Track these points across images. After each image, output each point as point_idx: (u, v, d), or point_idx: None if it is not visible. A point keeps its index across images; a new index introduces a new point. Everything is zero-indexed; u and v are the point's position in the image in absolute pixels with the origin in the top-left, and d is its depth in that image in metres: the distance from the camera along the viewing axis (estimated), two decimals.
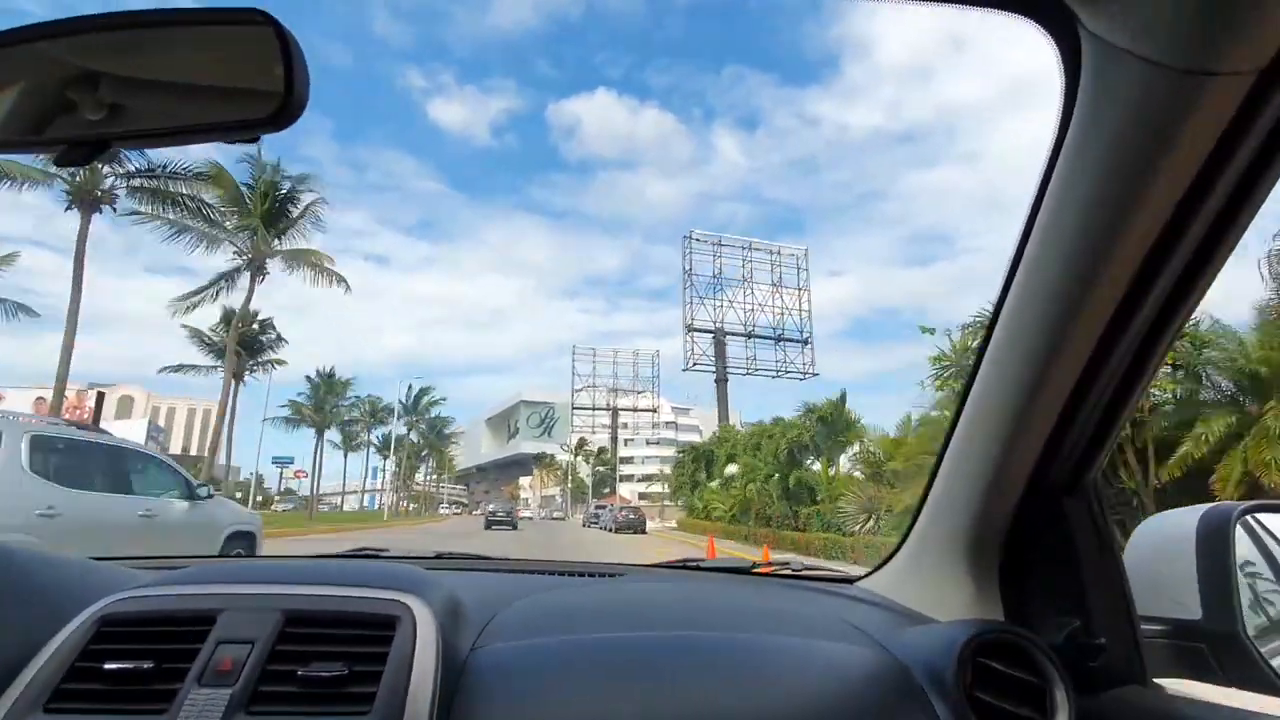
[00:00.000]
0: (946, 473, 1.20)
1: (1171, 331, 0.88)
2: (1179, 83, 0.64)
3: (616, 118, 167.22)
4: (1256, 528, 1.11)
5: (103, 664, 0.81)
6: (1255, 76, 0.63)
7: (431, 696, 0.81)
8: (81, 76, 0.63)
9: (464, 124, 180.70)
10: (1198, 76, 0.63)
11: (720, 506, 35.31)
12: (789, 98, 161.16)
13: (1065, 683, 0.95)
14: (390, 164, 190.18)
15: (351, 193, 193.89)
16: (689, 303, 60.14)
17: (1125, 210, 0.76)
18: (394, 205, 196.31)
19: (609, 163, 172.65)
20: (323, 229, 33.64)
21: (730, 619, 1.20)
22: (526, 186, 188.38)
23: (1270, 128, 0.67)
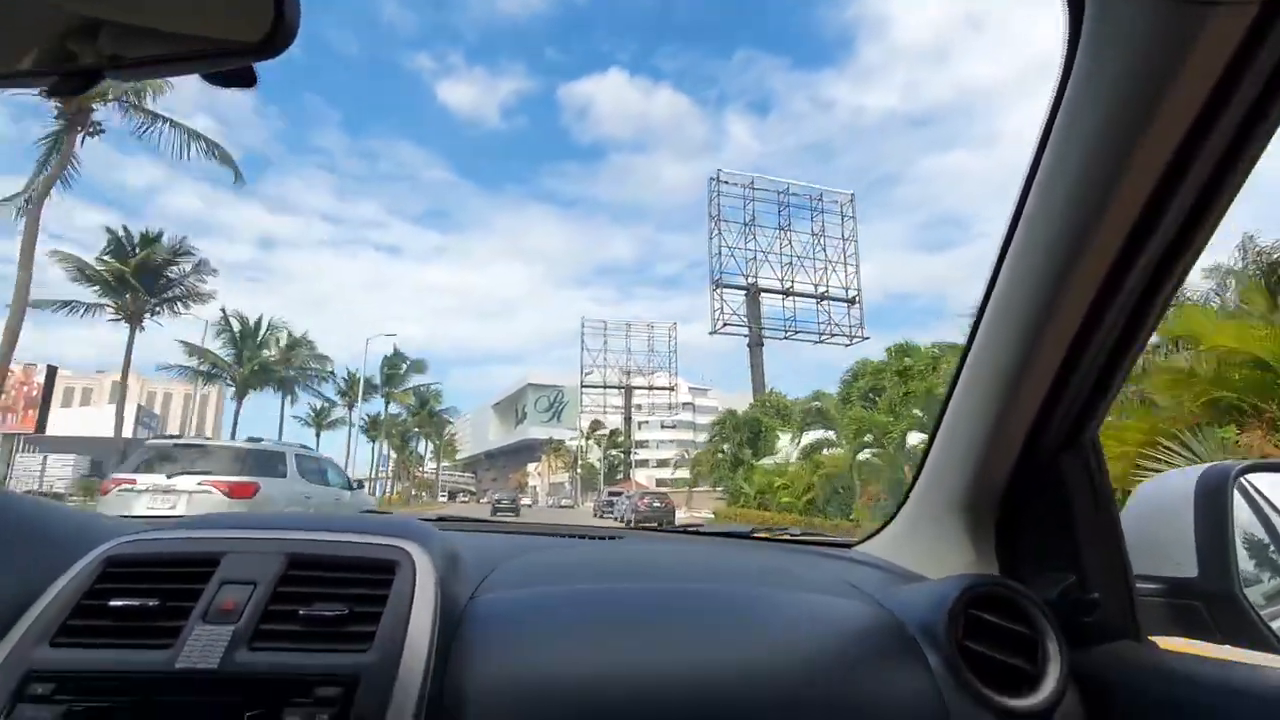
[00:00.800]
0: (944, 434, 1.20)
1: (1171, 284, 0.87)
2: (1181, 14, 0.63)
3: (629, 98, 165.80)
4: (1254, 488, 1.12)
5: (108, 602, 0.82)
6: (1259, 6, 0.62)
7: (430, 636, 0.83)
8: (71, 8, 0.61)
9: (474, 106, 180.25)
10: (1200, 7, 0.62)
11: (785, 491, 27.09)
12: (802, 81, 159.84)
13: (1057, 634, 0.96)
14: (401, 153, 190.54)
15: (362, 183, 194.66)
16: (716, 255, 51.90)
17: (1127, 153, 0.75)
18: (404, 195, 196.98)
19: (622, 144, 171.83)
20: None
21: (727, 575, 1.21)
22: (536, 175, 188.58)
23: (1274, 63, 0.66)
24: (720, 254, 52.46)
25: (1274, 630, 0.99)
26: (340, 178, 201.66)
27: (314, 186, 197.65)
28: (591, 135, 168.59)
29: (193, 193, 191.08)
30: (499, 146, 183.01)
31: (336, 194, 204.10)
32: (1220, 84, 0.68)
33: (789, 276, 53.43)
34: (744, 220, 53.75)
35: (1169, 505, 1.08)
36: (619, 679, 0.88)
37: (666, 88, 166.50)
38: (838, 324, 52.99)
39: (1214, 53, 0.66)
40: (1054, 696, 0.92)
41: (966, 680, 0.92)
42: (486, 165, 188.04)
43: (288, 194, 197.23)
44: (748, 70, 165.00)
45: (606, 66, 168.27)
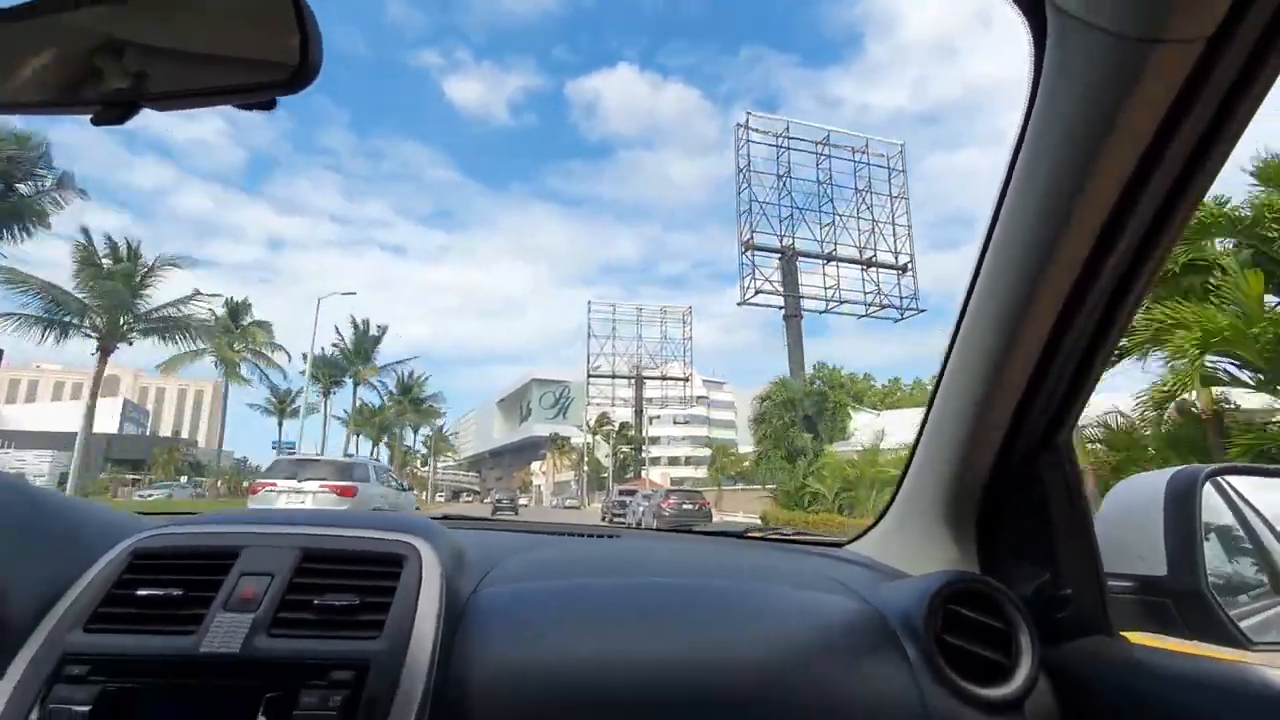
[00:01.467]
0: (928, 436, 1.25)
1: (1135, 294, 0.93)
2: (1132, 51, 0.68)
3: (637, 93, 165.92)
4: (1221, 490, 1.16)
5: (136, 591, 0.88)
6: (1204, 44, 0.66)
7: (435, 625, 0.89)
8: (111, 43, 0.67)
9: (481, 103, 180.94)
10: (1151, 44, 0.67)
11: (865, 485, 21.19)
12: (809, 79, 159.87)
13: (1030, 628, 1.01)
14: (407, 153, 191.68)
15: (368, 183, 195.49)
16: (745, 211, 44.02)
17: (1087, 175, 0.80)
18: (410, 195, 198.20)
19: (629, 140, 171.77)
20: None
21: (719, 572, 1.27)
22: (542, 173, 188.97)
23: (1221, 94, 0.71)
24: (750, 210, 44.33)
25: (1238, 626, 1.02)
26: (347, 178, 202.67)
27: (321, 187, 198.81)
28: (599, 132, 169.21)
29: (202, 193, 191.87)
30: (505, 144, 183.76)
31: (344, 194, 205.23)
32: (1169, 115, 0.73)
33: (830, 239, 45.26)
34: (777, 174, 45.73)
35: (1140, 506, 1.12)
36: (614, 668, 0.93)
37: (673, 84, 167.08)
38: (887, 294, 44.82)
39: (1163, 84, 0.70)
40: (1025, 687, 0.97)
41: (943, 671, 0.97)
42: (492, 164, 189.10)
43: (295, 195, 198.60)
44: (754, 68, 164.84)
45: (614, 63, 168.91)
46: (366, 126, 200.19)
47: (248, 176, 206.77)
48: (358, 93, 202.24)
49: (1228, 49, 0.67)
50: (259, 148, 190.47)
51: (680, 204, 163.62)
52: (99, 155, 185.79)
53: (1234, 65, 0.68)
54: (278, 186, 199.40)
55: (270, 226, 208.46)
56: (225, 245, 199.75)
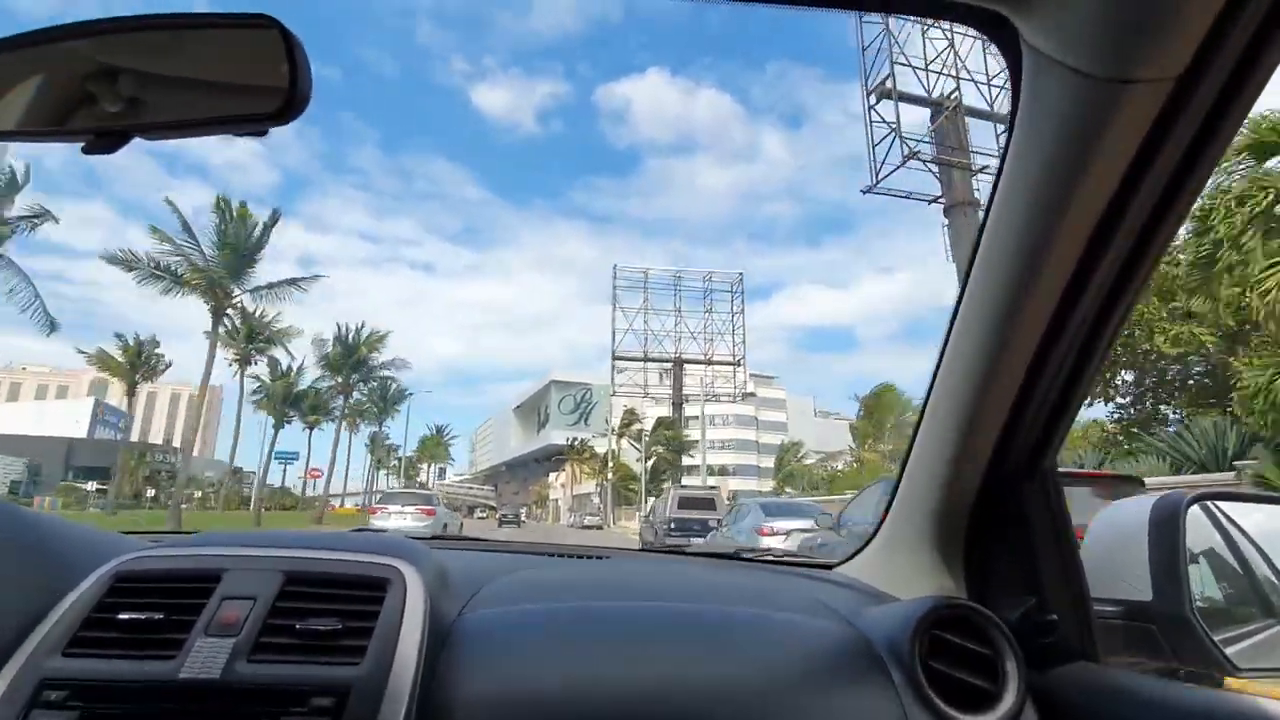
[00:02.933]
0: (914, 462, 1.26)
1: (1113, 324, 0.94)
2: (1105, 91, 0.69)
3: (668, 98, 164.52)
4: (1206, 515, 1.16)
5: (117, 615, 0.88)
6: (1173, 84, 0.68)
7: (418, 650, 0.88)
8: (103, 73, 0.68)
9: (508, 112, 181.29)
10: (1121, 84, 0.68)
11: None
12: (835, 92, 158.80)
13: (1016, 655, 1.01)
14: (435, 171, 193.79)
15: (398, 201, 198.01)
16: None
17: (1061, 211, 0.82)
18: (439, 213, 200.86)
19: (660, 148, 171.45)
20: None
21: (708, 595, 1.26)
22: (569, 190, 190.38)
23: (1192, 131, 0.73)
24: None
25: (1224, 652, 1.03)
26: (377, 196, 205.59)
27: (351, 206, 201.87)
28: (629, 140, 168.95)
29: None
30: (532, 155, 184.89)
31: (373, 213, 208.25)
32: (1141, 153, 0.75)
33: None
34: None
35: (1125, 532, 1.13)
36: (597, 695, 0.93)
37: (705, 89, 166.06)
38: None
39: (1134, 123, 0.72)
40: (1010, 714, 0.96)
41: (928, 698, 0.97)
42: (519, 180, 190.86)
43: (326, 213, 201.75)
44: (778, 83, 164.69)
45: (644, 69, 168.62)
46: (396, 145, 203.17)
47: (281, 196, 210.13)
48: (387, 111, 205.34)
49: (1197, 88, 0.68)
50: (291, 168, 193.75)
51: (704, 221, 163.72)
52: (140, 178, 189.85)
53: (1203, 104, 0.70)
54: (309, 205, 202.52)
55: (302, 245, 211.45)
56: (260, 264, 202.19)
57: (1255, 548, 1.19)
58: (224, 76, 0.70)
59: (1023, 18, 0.69)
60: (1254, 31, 0.64)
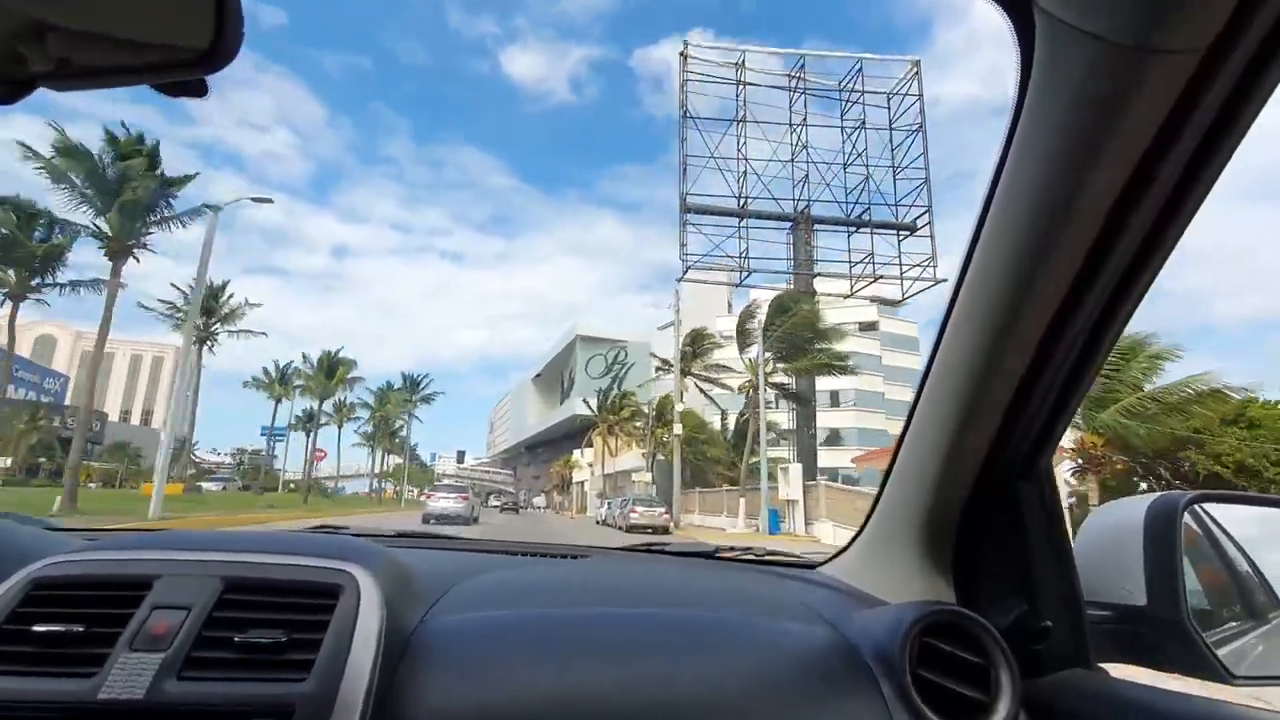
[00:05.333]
0: (904, 459, 1.21)
1: (1121, 317, 0.89)
2: (1126, 60, 0.65)
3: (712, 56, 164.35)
4: (1202, 517, 1.13)
5: (31, 627, 0.80)
6: (1199, 55, 0.64)
7: (372, 663, 0.81)
8: (3, 16, 0.59)
9: (541, 78, 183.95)
10: (1144, 54, 0.64)
11: None
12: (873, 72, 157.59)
13: (1009, 663, 0.96)
14: (465, 159, 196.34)
15: (430, 191, 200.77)
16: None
17: (1074, 191, 0.76)
18: (469, 202, 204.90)
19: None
20: None
21: (689, 599, 1.21)
22: (598, 179, 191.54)
23: (1217, 106, 0.68)
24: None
25: (1219, 657, 1.00)
26: (408, 187, 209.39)
27: (383, 196, 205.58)
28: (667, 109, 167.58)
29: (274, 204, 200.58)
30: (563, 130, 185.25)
31: (404, 203, 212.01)
32: (1164, 128, 0.70)
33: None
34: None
35: (1119, 534, 1.09)
36: (569, 709, 0.87)
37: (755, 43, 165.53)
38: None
39: (1156, 98, 0.68)
40: None
41: (918, 709, 0.92)
42: (548, 168, 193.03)
43: (358, 204, 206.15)
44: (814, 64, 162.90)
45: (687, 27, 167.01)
46: (426, 133, 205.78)
47: (315, 186, 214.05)
48: (418, 100, 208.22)
49: (1223, 62, 0.64)
50: (325, 158, 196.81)
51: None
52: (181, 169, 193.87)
53: (1229, 79, 0.66)
54: (342, 195, 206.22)
55: (335, 235, 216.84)
56: (295, 254, 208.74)
57: (1244, 552, 1.16)
58: (143, 22, 0.62)
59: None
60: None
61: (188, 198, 31.57)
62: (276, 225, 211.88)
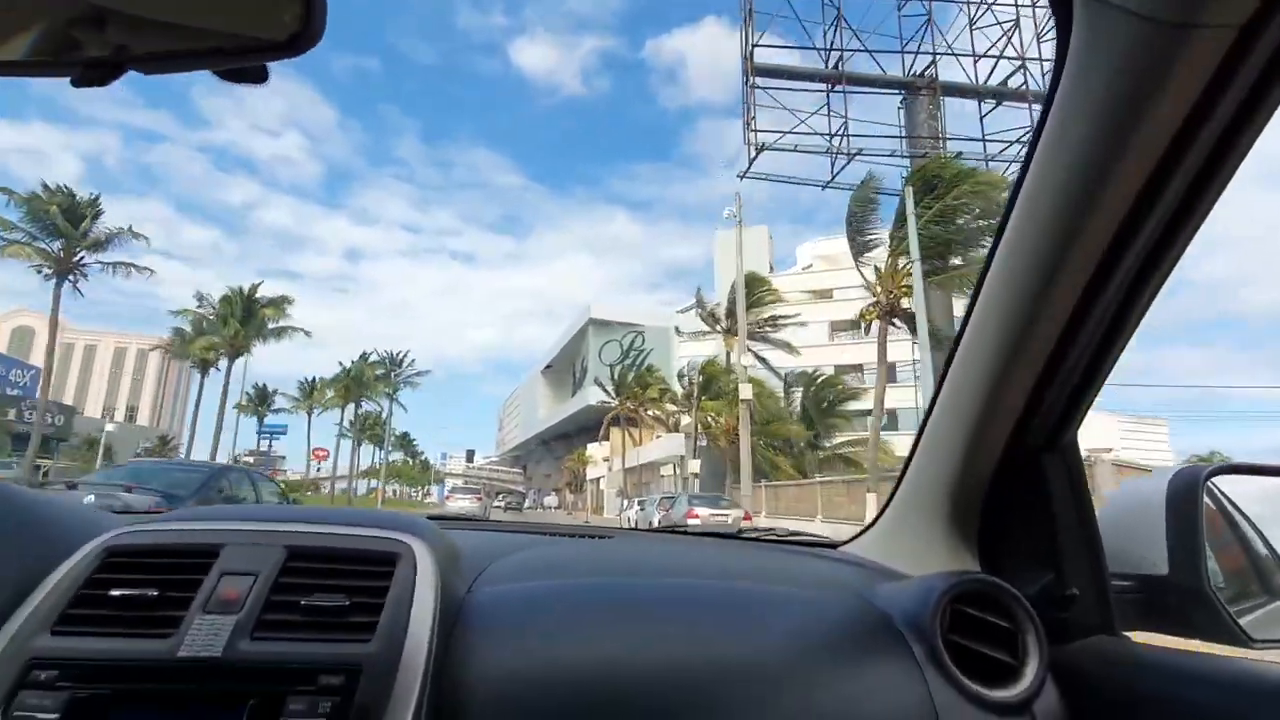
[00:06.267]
0: (929, 435, 1.24)
1: (1149, 291, 0.91)
2: (1164, 35, 0.66)
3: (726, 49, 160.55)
4: (1222, 489, 1.15)
5: (108, 591, 0.83)
6: (1237, 31, 0.65)
7: (431, 627, 0.85)
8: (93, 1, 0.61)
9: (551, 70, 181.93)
10: (1182, 29, 0.65)
11: None
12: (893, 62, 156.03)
13: (1037, 629, 1.00)
14: (475, 159, 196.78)
15: (440, 192, 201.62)
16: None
17: (1107, 168, 0.79)
18: (479, 202, 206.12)
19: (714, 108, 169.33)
20: None
21: (718, 573, 1.24)
22: (608, 176, 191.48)
23: (1251, 82, 0.69)
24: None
25: (1239, 624, 1.02)
26: (418, 188, 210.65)
27: (393, 197, 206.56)
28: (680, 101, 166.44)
29: (285, 208, 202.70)
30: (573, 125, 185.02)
31: (415, 204, 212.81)
32: (1199, 104, 0.71)
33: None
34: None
35: (1142, 506, 1.11)
36: (613, 669, 0.90)
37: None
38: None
39: (1192, 73, 0.69)
40: (1033, 688, 0.96)
41: (950, 672, 0.96)
42: (557, 166, 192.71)
43: (369, 206, 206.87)
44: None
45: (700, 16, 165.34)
46: (436, 134, 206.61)
47: (326, 189, 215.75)
48: (427, 100, 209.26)
49: (1260, 38, 0.65)
50: (335, 160, 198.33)
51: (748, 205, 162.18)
52: (195, 172, 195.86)
53: (1266, 54, 0.67)
54: (353, 197, 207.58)
55: (347, 237, 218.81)
56: (307, 257, 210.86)
57: (1266, 523, 1.18)
58: (229, 4, 0.64)
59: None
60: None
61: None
62: (286, 228, 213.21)
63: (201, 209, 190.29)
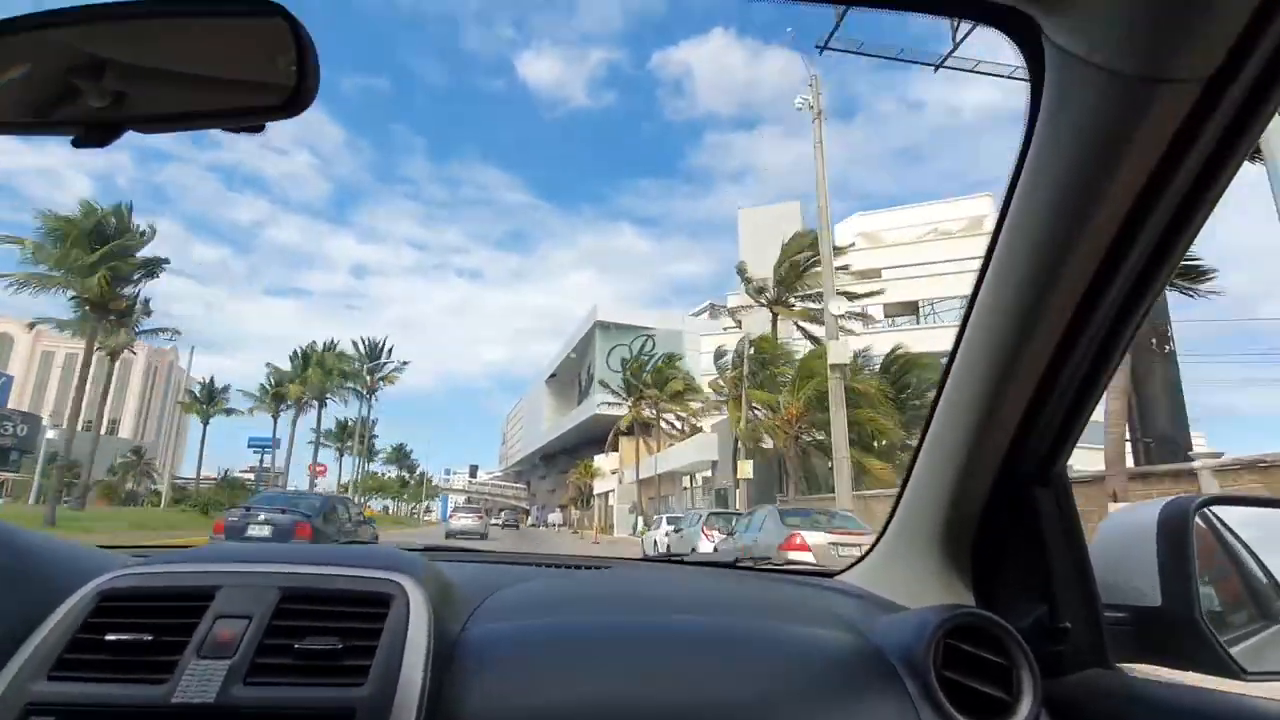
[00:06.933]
0: (921, 466, 1.25)
1: (1131, 326, 0.93)
2: (1133, 90, 0.69)
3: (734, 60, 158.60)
4: (1212, 519, 1.15)
5: (104, 636, 0.83)
6: (1203, 85, 0.68)
7: (424, 669, 0.84)
8: (97, 62, 0.64)
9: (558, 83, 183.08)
10: (1150, 84, 0.68)
11: None
12: (888, 81, 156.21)
13: (1030, 664, 0.99)
14: (482, 177, 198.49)
15: (447, 209, 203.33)
16: None
17: (1084, 210, 0.81)
18: (486, 220, 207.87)
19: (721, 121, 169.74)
20: None
21: (713, 606, 1.24)
22: (615, 193, 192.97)
23: (1218, 133, 0.72)
24: None
25: (1232, 655, 1.02)
26: (425, 205, 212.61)
27: (401, 215, 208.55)
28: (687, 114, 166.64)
29: (294, 226, 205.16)
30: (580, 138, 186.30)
31: (422, 221, 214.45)
32: (1167, 154, 0.74)
33: None
34: None
35: (1133, 537, 1.12)
36: (606, 712, 0.90)
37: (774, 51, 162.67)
38: None
39: (1160, 125, 0.71)
40: None
41: (944, 709, 0.95)
42: (564, 183, 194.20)
43: (377, 223, 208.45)
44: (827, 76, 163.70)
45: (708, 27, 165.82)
46: (443, 152, 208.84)
47: (335, 206, 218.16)
48: (435, 118, 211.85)
49: (1226, 91, 0.68)
50: (343, 178, 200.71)
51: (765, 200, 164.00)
52: (204, 192, 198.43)
53: (1230, 107, 0.70)
54: (361, 215, 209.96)
55: (354, 255, 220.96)
56: (315, 274, 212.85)
57: (1260, 553, 1.18)
58: (227, 67, 0.67)
59: (1047, 15, 0.68)
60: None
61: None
62: (296, 246, 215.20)
63: (211, 227, 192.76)
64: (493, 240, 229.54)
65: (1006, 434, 1.08)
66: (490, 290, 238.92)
